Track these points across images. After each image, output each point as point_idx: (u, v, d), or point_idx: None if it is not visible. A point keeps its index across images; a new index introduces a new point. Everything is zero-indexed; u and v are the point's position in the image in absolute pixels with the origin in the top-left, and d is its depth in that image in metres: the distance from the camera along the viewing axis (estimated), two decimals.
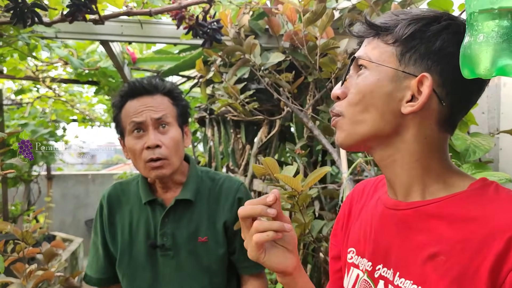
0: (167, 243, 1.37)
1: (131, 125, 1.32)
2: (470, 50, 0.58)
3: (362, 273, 0.81)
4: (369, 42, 0.75)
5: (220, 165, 4.09)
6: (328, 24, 1.65)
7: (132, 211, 1.43)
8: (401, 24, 0.70)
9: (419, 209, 0.72)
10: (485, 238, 0.62)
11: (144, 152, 1.32)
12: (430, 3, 1.45)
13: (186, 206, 1.39)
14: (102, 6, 1.66)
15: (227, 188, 1.46)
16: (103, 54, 3.41)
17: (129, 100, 1.35)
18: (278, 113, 2.75)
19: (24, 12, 1.44)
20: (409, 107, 0.70)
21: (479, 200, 0.67)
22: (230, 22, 1.93)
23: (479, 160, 1.48)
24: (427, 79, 0.68)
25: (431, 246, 0.67)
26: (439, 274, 0.65)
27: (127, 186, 1.48)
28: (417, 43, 0.69)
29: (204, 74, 2.09)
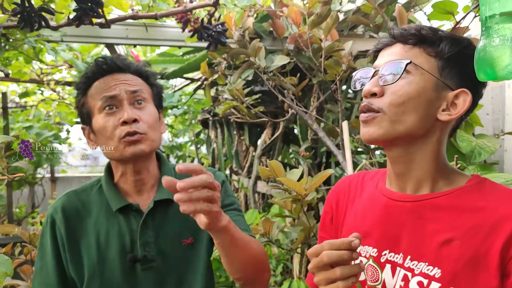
0: (150, 254, 1.16)
1: (101, 101, 1.15)
2: (486, 53, 0.58)
3: (366, 259, 0.88)
4: (408, 49, 0.83)
5: (223, 167, 4.10)
6: (332, 26, 1.65)
7: (98, 223, 1.18)
8: (445, 42, 0.81)
9: (429, 201, 0.82)
10: (494, 225, 0.73)
11: (118, 128, 1.14)
12: (435, 5, 1.46)
13: (166, 207, 1.20)
14: (108, 10, 1.67)
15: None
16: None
17: (98, 80, 1.19)
18: (282, 115, 2.76)
19: (32, 16, 1.45)
20: (446, 115, 0.81)
21: (481, 193, 0.79)
22: (234, 25, 1.94)
23: (484, 162, 1.49)
24: (467, 95, 0.80)
25: (445, 233, 0.77)
26: (455, 256, 0.75)
27: (85, 195, 1.23)
28: (456, 62, 0.81)
29: (208, 76, 2.10)
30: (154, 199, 1.19)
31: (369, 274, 0.87)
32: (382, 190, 0.91)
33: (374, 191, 0.94)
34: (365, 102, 0.83)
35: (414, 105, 0.80)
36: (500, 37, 0.56)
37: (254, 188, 3.26)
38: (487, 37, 0.58)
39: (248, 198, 3.33)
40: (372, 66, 0.88)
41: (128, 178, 1.21)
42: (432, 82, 0.80)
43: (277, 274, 2.53)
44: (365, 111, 0.83)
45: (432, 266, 0.77)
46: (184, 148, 5.51)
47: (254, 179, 3.25)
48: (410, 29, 0.83)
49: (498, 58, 0.57)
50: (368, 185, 0.97)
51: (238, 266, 1.03)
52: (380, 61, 0.86)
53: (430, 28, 0.83)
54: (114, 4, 1.62)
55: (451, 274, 0.75)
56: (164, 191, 1.19)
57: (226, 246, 0.97)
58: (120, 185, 1.22)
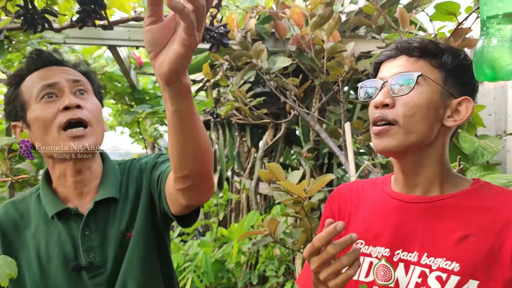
0: (95, 260, 1.06)
1: (39, 90, 1.04)
2: (485, 53, 0.58)
3: (377, 260, 0.92)
4: (414, 61, 0.88)
5: (225, 168, 4.10)
6: (335, 27, 1.66)
7: (37, 234, 1.08)
8: (447, 54, 0.88)
9: (441, 202, 0.88)
10: (506, 222, 0.80)
11: (59, 115, 1.02)
12: (437, 6, 1.46)
13: (109, 206, 1.10)
14: (111, 12, 1.67)
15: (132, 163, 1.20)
16: (110, 59, 3.43)
17: (30, 75, 1.09)
18: (283, 116, 2.76)
19: (35, 18, 1.45)
20: (452, 121, 0.88)
21: (488, 194, 0.86)
22: (236, 26, 1.94)
23: (487, 163, 1.48)
24: (469, 102, 0.88)
25: (460, 230, 0.83)
26: (472, 251, 0.81)
27: (24, 205, 1.13)
28: (457, 72, 0.88)
29: (210, 78, 2.10)
30: (94, 199, 1.08)
31: (380, 274, 0.90)
32: (391, 194, 0.96)
33: (381, 195, 0.98)
34: (378, 114, 0.88)
35: (424, 115, 0.86)
36: (499, 38, 0.57)
37: (256, 190, 3.26)
38: (487, 37, 0.59)
39: (250, 200, 3.33)
40: (378, 77, 0.92)
41: (67, 179, 1.09)
42: (438, 92, 0.87)
43: (280, 275, 2.53)
44: (379, 122, 0.88)
45: (450, 261, 0.82)
46: None
47: (256, 180, 3.25)
48: (414, 42, 0.89)
49: (498, 58, 0.58)
50: (371, 192, 1.01)
51: (190, 156, 0.87)
52: (386, 72, 0.91)
53: (431, 41, 0.89)
54: (117, 6, 1.62)
55: (470, 267, 0.80)
56: (106, 190, 1.10)
57: (184, 117, 0.80)
58: (59, 189, 1.11)
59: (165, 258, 1.18)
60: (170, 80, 0.73)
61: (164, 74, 0.72)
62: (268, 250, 2.74)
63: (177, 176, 0.90)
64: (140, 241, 1.10)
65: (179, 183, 0.92)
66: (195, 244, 2.89)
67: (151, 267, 1.12)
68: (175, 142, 0.85)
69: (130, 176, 1.16)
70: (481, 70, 0.60)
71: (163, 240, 1.17)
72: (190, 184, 0.91)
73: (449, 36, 1.52)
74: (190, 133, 0.84)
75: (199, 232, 4.52)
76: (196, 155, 0.87)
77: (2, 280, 0.79)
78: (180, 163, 0.88)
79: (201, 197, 0.97)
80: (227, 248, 2.79)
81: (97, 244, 1.07)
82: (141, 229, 1.10)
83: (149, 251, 1.11)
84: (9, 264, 0.87)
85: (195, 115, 0.83)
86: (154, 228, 1.13)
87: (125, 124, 4.87)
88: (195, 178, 0.91)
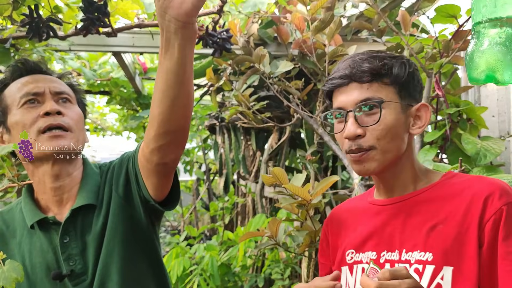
0: (77, 268, 1.05)
1: (22, 96, 1.05)
2: (475, 57, 0.59)
3: (367, 264, 0.96)
4: (368, 86, 0.91)
5: (231, 172, 4.11)
6: (336, 31, 1.67)
7: (22, 243, 1.08)
8: (396, 68, 0.91)
9: (413, 198, 0.93)
10: (469, 204, 0.85)
11: (39, 120, 1.03)
12: (438, 8, 1.47)
13: (88, 213, 1.09)
14: (114, 19, 1.70)
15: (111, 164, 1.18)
16: (115, 65, 3.46)
17: (14, 82, 1.09)
18: (288, 119, 2.77)
19: (40, 26, 1.48)
20: (417, 128, 0.94)
21: (454, 183, 0.91)
22: (239, 31, 1.96)
23: (490, 164, 1.49)
24: (426, 107, 0.94)
25: (430, 221, 0.88)
26: (441, 238, 0.85)
27: (11, 215, 1.13)
28: (407, 82, 0.92)
29: (214, 82, 2.12)
30: (72, 207, 1.07)
31: (370, 277, 0.91)
32: (373, 201, 1.02)
33: (366, 205, 1.04)
34: (355, 146, 0.91)
35: (395, 133, 0.91)
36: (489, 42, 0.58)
37: (261, 193, 3.27)
38: (477, 41, 0.60)
39: (256, 203, 3.34)
40: (337, 107, 0.95)
41: (46, 185, 1.08)
42: (399, 108, 0.91)
43: (285, 278, 2.53)
44: (357, 152, 0.92)
45: (424, 252, 0.86)
46: (192, 154, 5.53)
47: (261, 184, 3.26)
48: (361, 67, 0.90)
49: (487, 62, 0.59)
50: (358, 204, 1.08)
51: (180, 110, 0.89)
52: (344, 101, 0.93)
53: (374, 58, 0.91)
54: (121, 13, 1.64)
55: (441, 255, 0.84)
56: (83, 197, 1.08)
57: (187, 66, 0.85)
58: (40, 196, 1.10)
59: (155, 257, 1.17)
60: (190, 19, 0.78)
61: (186, 12, 0.76)
62: (274, 253, 2.75)
63: (161, 131, 0.92)
64: (116, 245, 1.07)
65: (159, 139, 0.93)
66: (201, 248, 2.90)
67: (133, 270, 1.10)
68: (170, 95, 0.87)
69: (107, 179, 1.14)
70: (473, 72, 0.61)
71: (150, 240, 1.15)
72: (170, 139, 0.94)
73: (450, 38, 1.53)
74: (187, 84, 0.87)
75: (205, 235, 4.53)
76: (186, 109, 0.91)
77: (9, 284, 0.80)
78: (169, 115, 0.89)
79: (176, 154, 1.00)
80: (233, 251, 2.80)
81: (77, 251, 1.06)
82: (116, 233, 1.08)
83: (129, 254, 1.09)
84: (16, 268, 0.88)
85: (192, 65, 0.87)
86: (134, 229, 1.11)
87: (131, 129, 4.91)
88: (178, 132, 0.94)
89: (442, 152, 1.62)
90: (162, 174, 1.03)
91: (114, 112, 5.10)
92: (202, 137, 5.01)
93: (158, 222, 1.21)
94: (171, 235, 5.14)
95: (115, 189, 1.11)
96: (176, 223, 5.89)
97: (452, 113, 1.57)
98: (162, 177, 1.04)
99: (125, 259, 1.08)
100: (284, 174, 1.33)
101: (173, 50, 0.82)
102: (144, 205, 1.10)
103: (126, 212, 1.10)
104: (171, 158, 0.99)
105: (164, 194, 1.08)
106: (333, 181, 1.35)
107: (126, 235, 1.09)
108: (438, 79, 1.56)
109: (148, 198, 1.06)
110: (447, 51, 1.53)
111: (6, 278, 0.81)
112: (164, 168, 1.01)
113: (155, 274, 1.15)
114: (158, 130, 0.91)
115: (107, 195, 1.11)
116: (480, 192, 0.85)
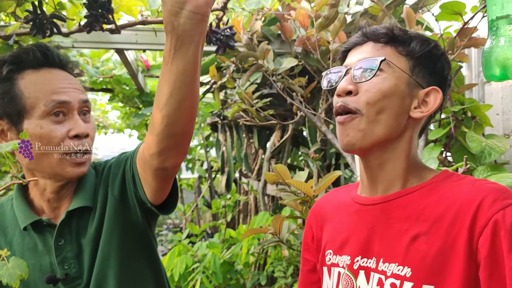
0: (71, 271, 1.02)
1: (49, 105, 0.96)
2: (493, 53, 0.59)
3: (343, 269, 0.87)
4: (380, 47, 0.83)
5: (233, 169, 4.11)
6: (340, 28, 1.66)
7: (13, 243, 1.05)
8: (415, 42, 0.83)
9: (398, 200, 0.82)
10: (456, 213, 0.73)
11: (67, 141, 0.98)
12: (443, 5, 1.46)
13: (83, 215, 1.06)
14: (118, 16, 1.69)
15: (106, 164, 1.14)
16: (118, 62, 3.46)
17: (32, 70, 0.99)
18: (290, 117, 2.76)
19: (43, 23, 1.48)
20: (418, 112, 0.82)
21: (446, 186, 0.79)
22: (242, 29, 1.95)
23: (494, 162, 1.48)
24: (438, 92, 0.82)
25: (412, 230, 0.77)
26: (422, 253, 0.75)
27: (1, 211, 1.10)
28: (426, 61, 0.82)
29: (217, 80, 2.11)
30: (67, 209, 1.03)
31: (344, 284, 0.86)
32: (354, 198, 0.91)
33: (346, 200, 0.94)
34: (340, 102, 0.82)
35: (389, 103, 0.80)
36: (508, 38, 0.57)
37: (263, 191, 3.27)
38: (496, 37, 0.59)
39: (258, 201, 3.33)
40: (343, 65, 0.87)
41: (46, 194, 1.05)
42: (404, 80, 0.81)
43: (288, 276, 2.53)
44: (341, 112, 0.82)
45: (402, 266, 0.76)
46: (194, 152, 5.54)
47: (263, 181, 3.26)
48: (382, 28, 0.84)
49: (510, 58, 0.58)
50: (342, 197, 0.97)
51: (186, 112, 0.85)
52: (352, 59, 0.86)
53: (400, 28, 0.85)
54: (124, 10, 1.64)
55: (421, 271, 0.74)
56: (79, 200, 1.05)
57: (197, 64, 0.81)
58: (35, 198, 1.07)
59: (153, 259, 1.14)
60: (208, 10, 0.74)
61: (207, 2, 0.73)
62: (277, 251, 2.75)
63: (164, 135, 0.86)
64: (113, 249, 1.04)
65: (162, 142, 0.88)
66: (204, 246, 2.90)
67: (131, 274, 1.07)
68: (178, 97, 0.82)
69: (103, 179, 1.10)
70: (490, 70, 0.61)
71: (147, 242, 1.12)
72: (173, 142, 0.88)
73: (455, 36, 1.52)
74: (196, 84, 0.83)
75: (207, 233, 4.53)
76: (192, 110, 0.86)
77: (13, 281, 0.80)
78: (175, 118, 0.84)
79: (177, 159, 0.94)
80: (235, 249, 2.80)
81: (73, 255, 1.03)
82: (112, 237, 1.05)
83: (126, 257, 1.06)
84: (20, 265, 0.88)
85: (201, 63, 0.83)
86: (131, 232, 1.08)
87: (133, 127, 4.91)
88: (182, 136, 0.89)
89: (447, 150, 1.61)
90: (161, 179, 0.98)
91: (116, 109, 5.10)
92: (204, 135, 5.00)
93: (154, 223, 1.18)
94: (173, 232, 5.15)
95: (111, 191, 1.07)
96: (178, 220, 5.91)
97: (457, 111, 1.57)
98: (161, 182, 0.99)
99: (122, 263, 1.05)
100: (286, 171, 1.32)
101: (186, 49, 0.77)
102: (141, 206, 1.07)
103: (122, 214, 1.06)
104: (172, 163, 0.93)
105: (162, 198, 1.04)
106: (336, 175, 1.35)
107: (123, 238, 1.06)
108: None
109: (145, 200, 1.03)
110: (452, 49, 1.52)
111: (10, 275, 0.80)
112: (163, 173, 0.96)
113: (153, 276, 1.13)
114: (162, 134, 0.86)
115: (102, 196, 1.08)
116: (469, 200, 0.73)
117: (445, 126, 1.62)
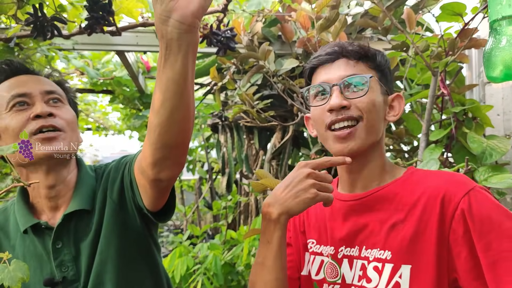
0: (69, 274, 1.02)
1: (10, 99, 1.01)
2: (493, 55, 0.59)
3: (327, 257, 0.97)
4: (355, 63, 0.93)
5: (233, 171, 4.11)
6: (341, 30, 1.66)
7: (16, 247, 1.06)
8: (379, 56, 0.96)
9: (376, 194, 0.93)
10: (426, 202, 0.85)
11: (30, 123, 1.00)
12: (443, 6, 1.46)
13: (82, 218, 1.06)
14: (118, 18, 1.69)
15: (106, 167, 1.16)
16: (118, 64, 3.46)
17: (4, 82, 1.06)
18: (291, 118, 2.76)
19: (44, 25, 1.48)
20: (392, 116, 0.96)
21: (417, 179, 0.90)
22: (243, 30, 1.95)
23: (495, 163, 1.48)
24: (401, 98, 0.97)
25: (390, 219, 0.88)
26: (400, 237, 0.86)
27: (5, 215, 1.11)
28: (386, 72, 0.96)
29: (218, 81, 2.11)
30: (64, 212, 1.04)
31: (328, 271, 0.96)
32: (336, 195, 0.98)
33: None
34: (343, 114, 0.90)
35: (377, 112, 0.92)
36: (508, 39, 0.57)
37: (264, 192, 3.26)
38: (496, 38, 0.59)
39: (259, 202, 3.33)
40: (321, 82, 0.94)
41: (40, 190, 1.06)
42: (380, 90, 0.94)
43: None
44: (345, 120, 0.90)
45: (383, 250, 0.87)
46: (194, 153, 5.54)
47: None
48: (350, 45, 0.94)
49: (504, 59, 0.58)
50: None
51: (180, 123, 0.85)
52: (330, 76, 0.93)
53: (364, 45, 0.96)
54: (125, 12, 1.64)
55: (400, 253, 0.85)
56: (77, 202, 1.05)
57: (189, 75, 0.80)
58: (34, 200, 1.08)
59: (153, 264, 1.13)
60: (196, 22, 0.74)
61: (193, 13, 0.73)
62: None
63: (158, 145, 0.86)
64: (111, 253, 1.04)
65: (156, 152, 0.87)
66: (205, 247, 2.90)
67: (129, 279, 1.07)
68: (168, 106, 0.81)
69: (102, 183, 1.11)
70: (492, 70, 0.61)
71: (146, 246, 1.12)
72: (167, 153, 0.88)
73: (455, 37, 1.52)
74: (188, 96, 0.82)
75: (208, 235, 4.53)
76: (185, 122, 0.85)
77: (14, 284, 0.80)
78: (167, 128, 0.84)
79: (172, 171, 0.93)
80: (236, 250, 2.79)
81: (70, 258, 1.04)
82: (110, 241, 1.05)
83: (124, 262, 1.06)
84: (22, 268, 0.88)
85: (194, 75, 0.83)
86: (130, 236, 1.08)
87: (134, 128, 4.91)
88: (176, 148, 0.88)
89: (448, 151, 1.61)
90: (158, 189, 0.98)
91: (117, 111, 5.10)
92: (204, 136, 5.00)
93: (155, 228, 1.17)
94: (174, 234, 5.14)
95: (110, 195, 1.08)
96: (179, 222, 5.90)
97: (458, 112, 1.57)
98: (158, 192, 0.99)
99: (120, 268, 1.05)
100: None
101: (175, 58, 0.77)
102: (139, 212, 1.07)
103: (121, 219, 1.07)
104: (167, 174, 0.92)
105: (159, 206, 1.04)
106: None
107: (121, 242, 1.06)
108: (443, 78, 1.56)
109: (142, 206, 1.03)
110: (452, 50, 1.52)
111: (11, 278, 0.80)
112: (159, 184, 0.95)
113: (152, 280, 1.13)
114: (156, 144, 0.86)
115: (101, 200, 1.08)
116: (436, 189, 0.85)
117: (446, 127, 1.62)
